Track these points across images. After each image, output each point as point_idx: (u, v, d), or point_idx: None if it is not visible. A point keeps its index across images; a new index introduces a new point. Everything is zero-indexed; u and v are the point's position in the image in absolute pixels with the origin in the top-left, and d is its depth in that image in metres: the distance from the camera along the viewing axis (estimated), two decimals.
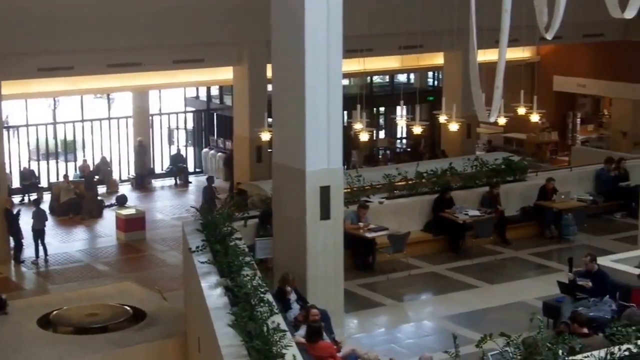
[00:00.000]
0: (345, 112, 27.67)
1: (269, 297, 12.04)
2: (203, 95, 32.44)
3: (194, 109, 32.56)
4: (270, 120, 18.06)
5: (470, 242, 18.62)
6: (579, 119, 35.53)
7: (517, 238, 19.44)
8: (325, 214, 14.06)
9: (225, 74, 25.67)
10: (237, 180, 24.12)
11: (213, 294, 12.36)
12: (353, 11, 19.25)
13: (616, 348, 10.60)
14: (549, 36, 12.06)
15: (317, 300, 13.76)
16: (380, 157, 32.01)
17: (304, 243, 14.04)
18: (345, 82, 31.27)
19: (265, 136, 20.76)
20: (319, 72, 13.69)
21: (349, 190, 18.47)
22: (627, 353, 10.59)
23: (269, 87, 15.75)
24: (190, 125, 32.79)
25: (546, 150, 34.05)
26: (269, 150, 20.51)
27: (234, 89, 25.92)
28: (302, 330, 12.38)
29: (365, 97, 22.12)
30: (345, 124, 27.47)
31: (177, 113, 32.58)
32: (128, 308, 15.33)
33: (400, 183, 19.75)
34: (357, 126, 21.17)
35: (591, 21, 26.89)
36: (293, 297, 13.71)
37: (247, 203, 18.51)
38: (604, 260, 14.73)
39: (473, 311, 15.65)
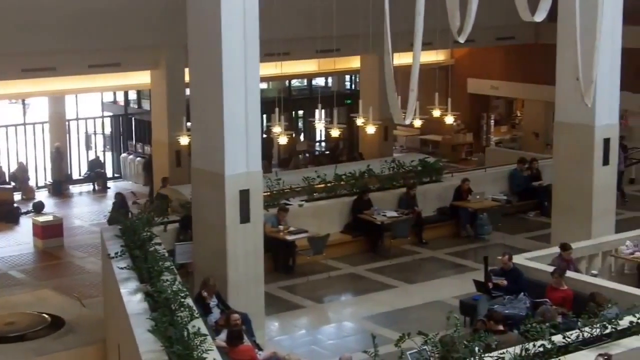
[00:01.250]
0: (265, 116, 27.72)
1: (189, 301, 12.05)
2: (121, 100, 32.15)
3: (111, 114, 32.21)
4: (189, 124, 18.02)
5: (388, 242, 18.85)
6: (492, 121, 36.16)
7: (434, 238, 19.74)
8: (244, 217, 14.11)
9: (143, 78, 25.50)
10: (157, 186, 23.94)
11: (133, 299, 12.31)
12: (269, 15, 19.37)
13: (531, 344, 10.88)
14: (461, 39, 12.31)
15: (237, 304, 13.81)
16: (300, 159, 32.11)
17: (223, 247, 14.07)
18: (264, 85, 31.34)
19: (184, 140, 20.69)
20: (236, 76, 13.74)
21: (268, 193, 18.54)
22: (541, 349, 10.89)
23: (187, 91, 15.73)
24: (108, 130, 32.45)
25: (461, 152, 34.56)
26: (188, 154, 20.46)
27: (151, 93, 25.76)
28: (223, 334, 12.42)
29: (283, 101, 22.23)
30: (264, 128, 27.58)
31: (94, 118, 32.19)
32: (46, 316, 15.13)
33: (319, 186, 19.89)
34: (276, 130, 21.27)
35: (503, 24, 27.53)
36: (214, 301, 13.72)
37: (167, 207, 18.44)
38: (518, 259, 15.04)
39: (392, 311, 15.86)
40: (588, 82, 12.88)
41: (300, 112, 34.57)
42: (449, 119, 25.64)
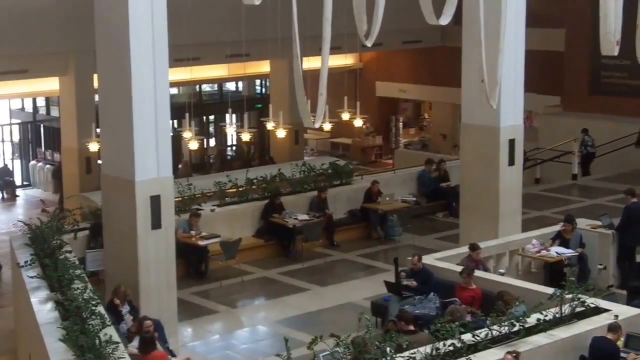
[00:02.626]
0: (175, 121, 27.58)
1: (100, 309, 11.95)
2: (29, 107, 31.59)
3: (19, 121, 31.67)
4: (98, 130, 17.84)
5: (300, 245, 18.93)
6: (401, 123, 36.63)
7: (345, 240, 19.89)
8: (156, 223, 14.03)
9: (52, 84, 25.13)
10: (67, 192, 23.64)
11: (43, 308, 12.15)
12: (178, 20, 19.29)
13: (441, 344, 11.08)
14: (368, 43, 12.45)
15: (150, 310, 13.72)
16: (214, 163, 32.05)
17: (135, 253, 13.97)
18: (174, 91, 31.14)
19: (94, 147, 20.47)
20: (145, 81, 13.66)
21: (180, 199, 18.45)
22: (451, 348, 11.10)
23: (97, 97, 15.59)
24: (16, 137, 31.86)
25: (371, 154, 34.92)
26: (99, 161, 20.25)
27: (60, 99, 25.41)
28: (136, 342, 12.34)
29: (194, 106, 22.16)
30: (175, 133, 27.42)
31: (2, 125, 31.59)
32: None
33: (231, 190, 19.86)
34: (186, 135, 21.20)
35: (410, 28, 27.90)
36: (126, 308, 13.61)
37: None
38: (427, 259, 15.24)
39: (305, 314, 15.93)
40: (493, 84, 13.12)
41: (211, 117, 34.51)
42: (358, 122, 25.88)
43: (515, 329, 11.72)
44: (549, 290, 12.96)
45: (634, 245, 16.56)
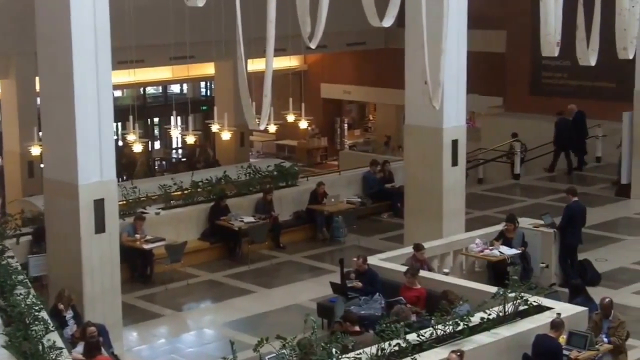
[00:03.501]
0: (119, 124, 27.37)
1: (44, 315, 11.83)
2: None
3: None
4: (41, 134, 17.65)
5: (246, 248, 18.89)
6: (346, 125, 36.78)
7: (291, 242, 19.89)
8: (100, 227, 13.93)
9: None
10: (9, 196, 23.37)
11: None
12: (122, 22, 19.18)
13: (386, 344, 11.15)
14: (312, 45, 12.50)
15: (94, 315, 13.62)
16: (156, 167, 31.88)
17: (79, 258, 13.86)
18: (118, 93, 30.94)
19: (36, 151, 20.24)
20: (88, 84, 13.56)
21: (124, 202, 18.32)
22: (396, 348, 11.18)
23: (39, 100, 15.43)
24: None
25: (316, 156, 35.01)
26: (41, 165, 20.04)
27: (1, 103, 25.08)
28: (80, 347, 12.24)
29: (138, 108, 22.04)
30: (118, 136, 27.22)
31: None
32: None
33: (176, 193, 19.76)
34: (130, 137, 21.05)
35: (354, 30, 28.03)
36: (69, 313, 13.49)
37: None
38: (373, 260, 15.33)
39: (251, 316, 15.91)
40: (436, 85, 13.24)
41: (156, 120, 34.33)
42: (303, 124, 25.95)
43: (460, 328, 11.85)
44: (493, 289, 13.11)
45: (576, 244, 16.80)
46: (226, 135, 23.27)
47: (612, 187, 23.22)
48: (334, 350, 10.77)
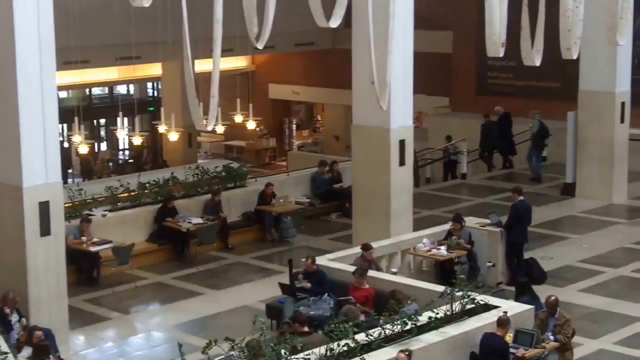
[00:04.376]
0: (65, 125, 27.11)
1: None
2: None
3: None
4: None
5: (194, 249, 18.80)
6: (294, 125, 36.79)
7: (240, 243, 19.83)
8: (45, 230, 13.76)
9: None
10: None
11: None
12: (67, 22, 18.99)
13: (335, 344, 11.16)
14: (260, 45, 12.49)
15: (40, 319, 13.46)
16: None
17: (23, 261, 13.68)
18: (63, 94, 30.63)
19: None
20: (32, 85, 13.38)
21: (70, 204, 18.13)
22: (345, 348, 11.20)
23: None
24: None
25: (265, 156, 34.99)
26: None
27: None
28: (26, 351, 12.10)
29: (84, 109, 21.83)
30: (64, 138, 26.94)
31: None
32: None
33: (123, 195, 19.61)
34: (76, 139, 20.87)
35: (302, 30, 28.04)
36: (15, 317, 13.32)
37: None
38: (321, 260, 15.34)
39: (200, 318, 15.83)
40: (383, 85, 13.31)
41: (102, 121, 34.06)
42: (251, 125, 25.91)
43: (408, 327, 11.90)
44: (440, 288, 13.17)
45: (522, 243, 16.96)
46: (173, 136, 23.15)
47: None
48: (282, 351, 10.76)
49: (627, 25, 16.23)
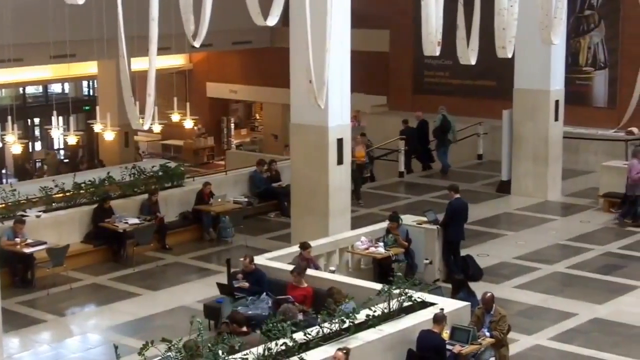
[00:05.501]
0: None
1: None
2: None
3: None
4: None
5: (131, 250, 18.62)
6: (233, 124, 36.68)
7: (178, 243, 19.70)
8: None
9: None
10: None
11: None
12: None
13: (273, 343, 11.13)
14: (196, 44, 12.42)
15: None
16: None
17: None
18: None
19: None
20: None
21: (3, 205, 17.84)
22: (283, 347, 11.17)
23: None
24: None
25: (203, 155, 34.84)
26: None
27: None
28: None
29: (17, 109, 21.50)
30: None
31: None
32: None
33: (57, 195, 19.35)
34: (9, 138, 20.55)
35: (239, 29, 27.95)
36: None
37: None
38: (260, 259, 15.30)
39: (137, 319, 15.68)
40: (320, 84, 13.30)
41: (36, 120, 33.60)
42: (189, 124, 25.76)
43: (346, 325, 11.91)
44: (378, 286, 13.21)
45: (458, 240, 17.10)
46: (109, 136, 22.93)
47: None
48: (220, 351, 10.71)
49: (561, 25, 16.45)
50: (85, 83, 35.25)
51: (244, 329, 12.62)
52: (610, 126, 25.67)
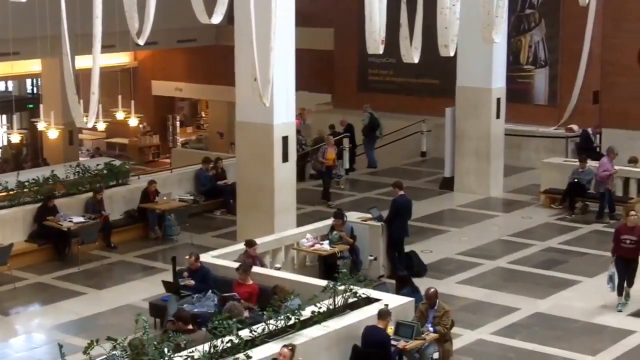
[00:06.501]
0: None
1: None
2: None
3: None
4: None
5: (76, 249, 18.51)
6: (178, 122, 36.56)
7: (123, 241, 19.61)
8: None
9: None
10: None
11: None
12: None
13: (219, 341, 11.19)
14: (141, 42, 12.42)
15: None
16: None
17: None
18: None
19: None
20: None
21: None
22: (229, 344, 11.23)
23: None
24: None
25: (149, 153, 34.68)
26: None
27: None
28: None
29: None
30: None
31: None
32: None
33: (1, 194, 19.17)
34: None
35: (184, 27, 27.91)
36: None
37: None
38: (205, 257, 15.32)
39: (82, 318, 15.61)
40: (265, 82, 13.36)
41: None
42: (134, 122, 25.65)
43: (291, 322, 12.00)
44: (323, 282, 13.33)
45: (402, 237, 17.27)
46: (53, 134, 22.76)
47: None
48: (166, 349, 10.73)
49: (502, 23, 16.71)
50: (29, 81, 34.88)
51: (190, 326, 12.62)
52: (551, 123, 26.11)
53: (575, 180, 20.81)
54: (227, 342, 11.21)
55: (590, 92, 25.78)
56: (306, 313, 12.30)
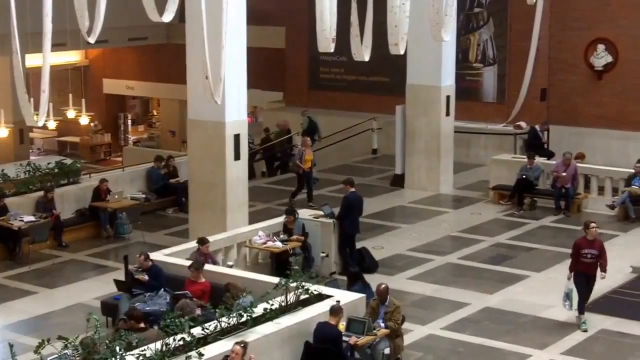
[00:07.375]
0: None
1: None
2: None
3: None
4: None
5: (26, 248, 18.39)
6: (130, 120, 36.38)
7: (74, 240, 19.52)
8: None
9: None
10: None
11: None
12: None
13: (171, 339, 11.21)
14: (91, 40, 12.40)
15: None
16: None
17: None
18: None
19: None
20: None
21: None
22: (181, 342, 11.26)
23: None
24: None
25: (100, 152, 34.47)
26: None
27: None
28: None
29: None
30: None
31: None
32: None
33: None
34: None
35: (135, 25, 27.79)
36: None
37: None
38: (157, 255, 15.31)
39: (33, 317, 15.52)
40: (216, 80, 13.41)
41: None
42: (84, 120, 25.52)
43: (243, 319, 12.06)
44: (275, 279, 13.39)
45: (354, 233, 17.40)
46: (3, 132, 22.58)
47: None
48: (118, 347, 10.74)
49: (451, 22, 16.95)
50: None
51: (142, 325, 12.64)
52: (500, 121, 26.41)
53: (524, 176, 21.14)
54: (179, 340, 11.24)
55: (538, 89, 26.11)
56: (258, 310, 12.37)
